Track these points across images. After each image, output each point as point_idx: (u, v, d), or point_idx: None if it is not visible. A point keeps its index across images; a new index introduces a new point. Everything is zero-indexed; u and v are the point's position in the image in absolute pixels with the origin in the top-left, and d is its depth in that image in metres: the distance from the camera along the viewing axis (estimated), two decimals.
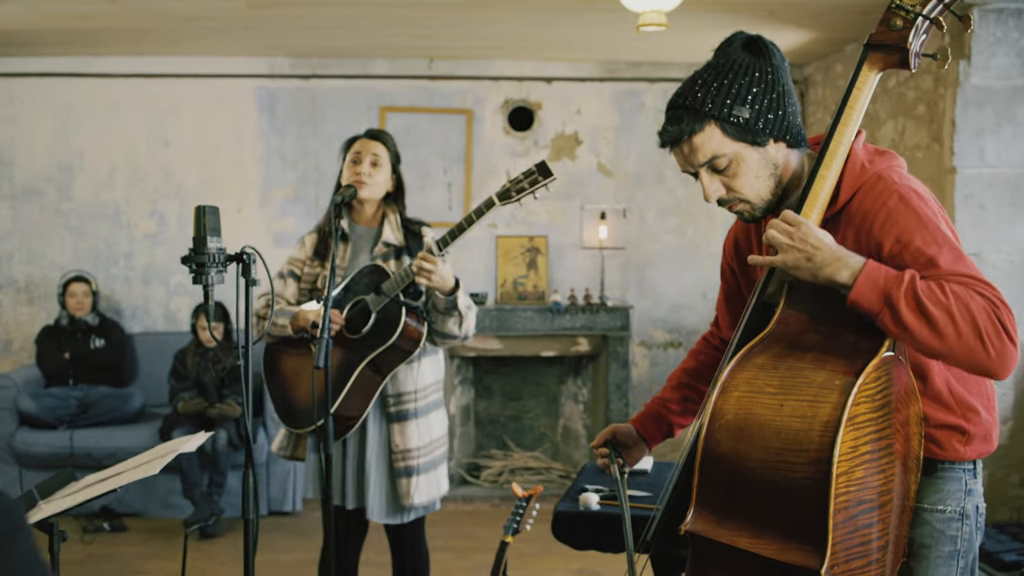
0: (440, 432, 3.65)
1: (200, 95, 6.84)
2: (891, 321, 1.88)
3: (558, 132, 6.96)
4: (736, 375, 1.97)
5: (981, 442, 2.13)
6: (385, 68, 6.89)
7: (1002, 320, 1.87)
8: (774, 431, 1.87)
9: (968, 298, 1.87)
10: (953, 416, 2.09)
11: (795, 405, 1.87)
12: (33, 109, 6.79)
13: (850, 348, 1.93)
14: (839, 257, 1.95)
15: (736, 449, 1.92)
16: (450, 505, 6.33)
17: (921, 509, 2.12)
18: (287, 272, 3.64)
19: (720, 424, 1.95)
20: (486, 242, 6.92)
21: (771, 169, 2.13)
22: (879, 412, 1.87)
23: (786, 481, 1.85)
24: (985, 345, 1.85)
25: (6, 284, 6.85)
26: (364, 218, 3.64)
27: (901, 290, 1.87)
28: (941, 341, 1.86)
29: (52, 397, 6.05)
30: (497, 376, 7.17)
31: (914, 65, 2.02)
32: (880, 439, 1.88)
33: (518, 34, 6.07)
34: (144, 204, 6.86)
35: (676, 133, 2.12)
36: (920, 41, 2.01)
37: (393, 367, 3.46)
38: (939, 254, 1.94)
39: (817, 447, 1.81)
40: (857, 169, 2.08)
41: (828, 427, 1.81)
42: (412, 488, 3.51)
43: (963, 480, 2.13)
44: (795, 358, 1.95)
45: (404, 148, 6.71)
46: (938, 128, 5.13)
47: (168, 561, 5.20)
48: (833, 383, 1.85)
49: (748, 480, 1.91)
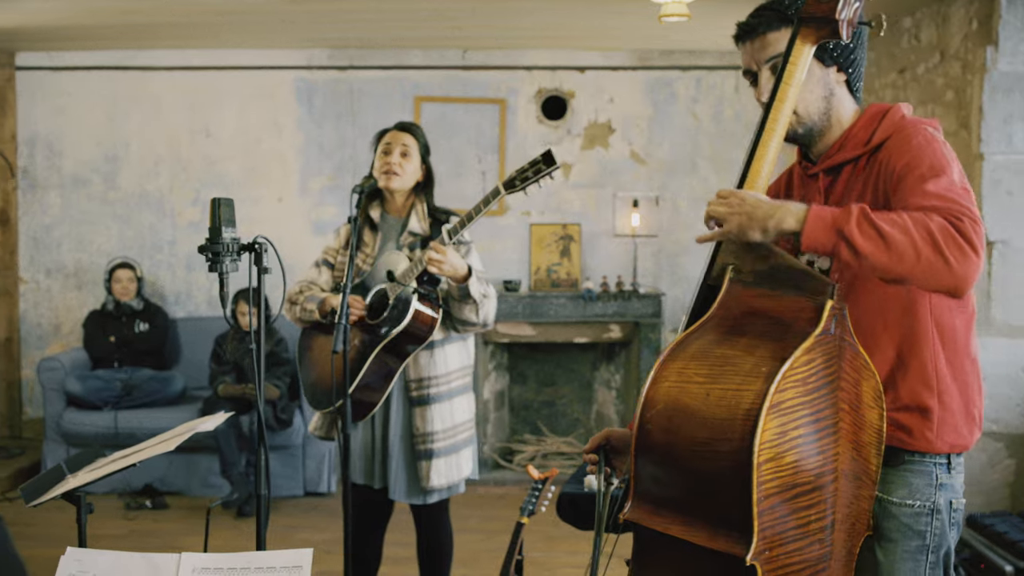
0: (464, 417, 3.75)
1: (241, 87, 7.02)
2: (848, 252, 1.89)
3: (591, 121, 7.03)
4: (667, 365, 1.99)
5: (952, 433, 2.12)
6: (420, 59, 7.01)
7: (963, 231, 1.86)
8: (700, 420, 1.89)
9: (925, 218, 1.87)
10: (927, 394, 2.10)
11: (721, 394, 1.88)
12: (81, 101, 7.01)
13: (783, 332, 1.93)
14: (780, 206, 1.98)
15: (666, 439, 1.94)
16: (481, 488, 6.46)
17: (889, 503, 2.13)
18: (322, 260, 3.80)
19: (651, 414, 1.96)
20: (520, 230, 7.02)
21: (825, 90, 2.19)
22: (815, 395, 1.88)
23: (712, 470, 1.87)
24: (946, 260, 1.84)
25: (56, 270, 7.08)
26: (395, 208, 3.77)
27: (852, 220, 1.88)
28: (900, 261, 1.86)
29: (98, 379, 6.26)
30: (531, 362, 7.28)
31: (846, 35, 2.02)
32: (817, 420, 1.89)
33: (548, 24, 6.15)
34: (187, 193, 7.06)
35: (753, 24, 2.20)
36: (853, 9, 2.01)
37: (409, 352, 3.57)
38: (935, 179, 1.97)
39: (739, 436, 1.82)
40: (897, 117, 2.15)
41: (749, 416, 1.81)
42: (431, 470, 3.62)
43: (933, 474, 2.13)
44: (728, 345, 1.96)
45: (438, 137, 6.91)
46: (966, 115, 5.13)
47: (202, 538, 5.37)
48: (759, 370, 1.86)
49: (678, 469, 1.94)
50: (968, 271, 1.86)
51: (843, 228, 1.89)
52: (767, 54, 2.20)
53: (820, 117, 2.21)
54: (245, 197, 7.03)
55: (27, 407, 7.14)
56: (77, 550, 2.10)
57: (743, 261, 2.07)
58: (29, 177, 7.04)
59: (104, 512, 5.82)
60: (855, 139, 2.20)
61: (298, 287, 3.73)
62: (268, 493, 2.58)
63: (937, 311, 2.12)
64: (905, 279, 1.90)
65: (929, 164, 2.01)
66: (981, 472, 5.01)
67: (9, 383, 7.11)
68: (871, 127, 2.18)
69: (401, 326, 3.50)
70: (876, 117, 2.20)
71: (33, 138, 7.03)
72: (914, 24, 5.72)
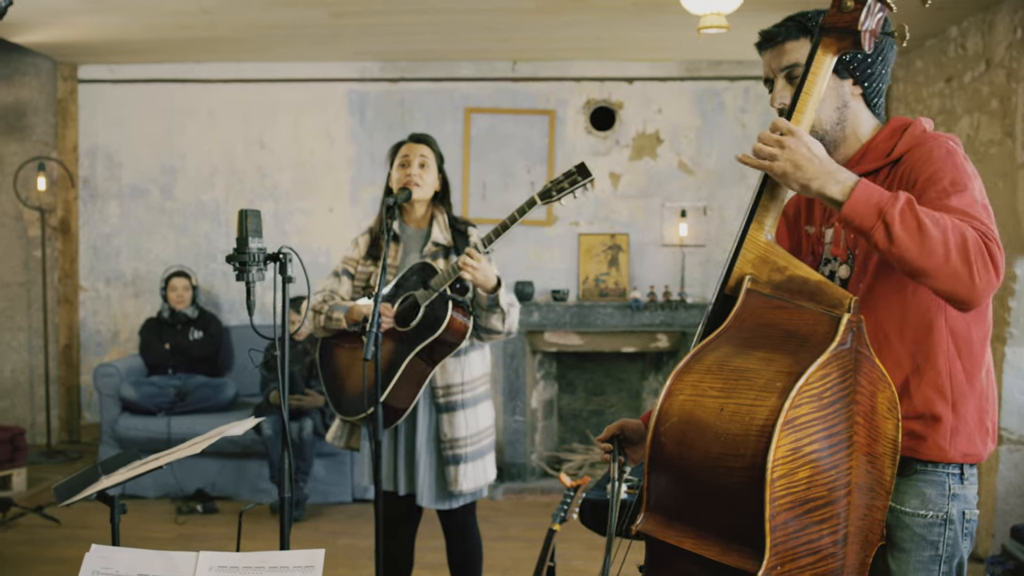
0: (487, 423, 3.80)
1: (294, 99, 7.15)
2: (883, 235, 1.89)
3: (639, 131, 7.05)
4: (682, 377, 1.97)
5: (965, 442, 2.11)
6: (470, 71, 7.09)
7: (991, 252, 1.88)
8: (714, 435, 1.87)
9: (963, 226, 1.88)
10: (942, 403, 2.09)
11: (735, 408, 1.86)
12: (140, 113, 7.20)
13: (799, 345, 1.91)
14: (830, 172, 1.96)
15: (680, 453, 1.92)
16: (529, 496, 6.50)
17: (902, 512, 2.12)
18: (342, 270, 3.85)
19: (665, 428, 1.95)
20: (568, 239, 7.06)
21: (839, 103, 2.19)
22: (829, 410, 1.86)
23: (726, 485, 1.85)
24: (972, 270, 1.86)
25: (114, 278, 7.27)
26: (414, 219, 3.82)
27: (897, 206, 1.88)
28: (930, 259, 1.87)
29: (152, 385, 6.41)
30: (580, 371, 7.30)
31: (868, 45, 2.00)
32: (831, 435, 1.87)
33: (595, 36, 6.19)
34: (241, 203, 7.20)
35: (773, 33, 2.22)
36: (876, 19, 1.99)
37: (440, 359, 3.63)
38: (958, 195, 1.97)
39: (753, 452, 1.80)
40: (918, 131, 2.16)
41: (763, 432, 1.79)
42: (460, 475, 3.67)
43: (946, 484, 2.12)
44: (743, 357, 1.94)
45: (488, 148, 6.99)
46: (1011, 123, 5.07)
47: (248, 541, 5.46)
48: (774, 385, 1.84)
49: (692, 483, 1.92)
50: (987, 288, 1.89)
51: (886, 211, 1.89)
52: (783, 62, 2.21)
53: (832, 128, 2.21)
54: (297, 207, 7.17)
55: (85, 412, 7.33)
56: (101, 547, 2.18)
57: (760, 271, 2.08)
58: (90, 187, 7.25)
59: (156, 515, 5.97)
60: (876, 151, 2.20)
61: (320, 297, 3.78)
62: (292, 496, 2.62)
63: (953, 321, 2.11)
64: (926, 275, 1.90)
65: (951, 179, 2.01)
66: None
67: (69, 388, 7.31)
68: (892, 140, 2.19)
69: (438, 332, 3.56)
70: (898, 130, 2.20)
71: (94, 149, 7.23)
72: (960, 33, 5.67)
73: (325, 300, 3.76)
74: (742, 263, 2.10)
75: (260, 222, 2.65)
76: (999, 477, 4.98)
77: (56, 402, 7.31)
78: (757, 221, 2.11)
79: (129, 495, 6.28)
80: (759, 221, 2.11)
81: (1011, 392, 4.98)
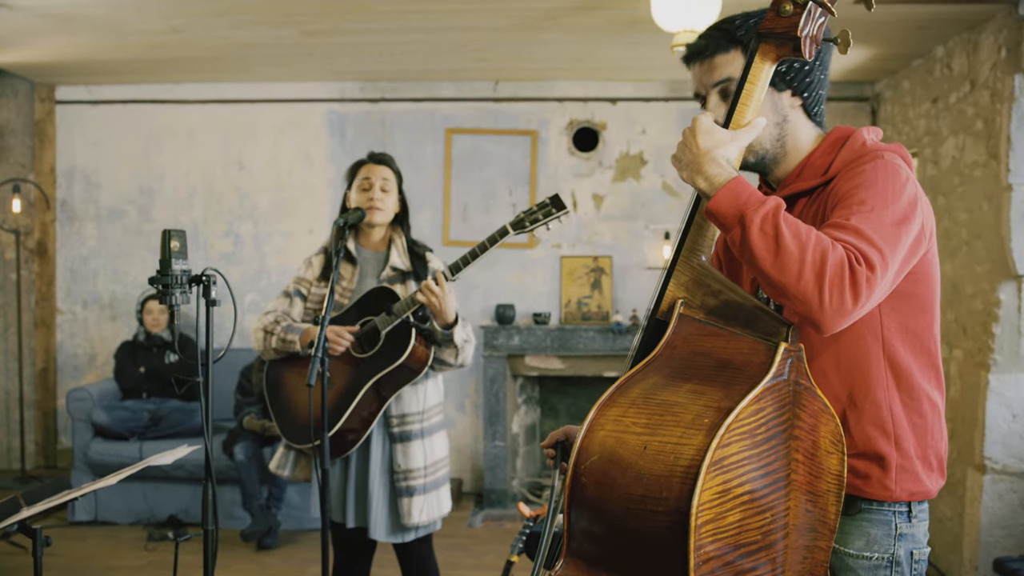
0: (442, 453, 3.70)
1: (273, 120, 7.08)
2: (738, 239, 1.78)
3: (623, 152, 6.96)
4: (604, 411, 1.82)
5: (911, 480, 1.98)
6: (451, 91, 7.01)
7: (855, 275, 1.73)
8: (635, 475, 1.71)
9: (827, 245, 1.74)
10: (883, 439, 1.96)
11: (659, 447, 1.70)
12: (118, 134, 7.13)
13: (732, 377, 1.76)
14: (702, 163, 1.86)
15: (600, 494, 1.77)
16: (508, 524, 6.37)
17: (846, 555, 2.00)
18: (294, 291, 3.71)
19: (585, 466, 1.79)
20: (550, 262, 6.96)
21: (778, 118, 2.05)
22: (764, 447, 1.72)
23: (648, 530, 1.70)
24: (822, 295, 1.71)
25: (92, 301, 7.18)
26: (372, 242, 3.71)
27: (760, 211, 1.76)
28: (780, 272, 1.73)
29: (125, 410, 6.31)
30: (563, 396, 7.18)
31: (809, 52, 1.86)
32: (766, 475, 1.73)
33: (573, 56, 6.11)
34: (220, 225, 7.12)
35: (701, 47, 2.07)
36: (816, 25, 1.86)
37: (398, 388, 3.52)
38: (863, 214, 1.82)
39: (677, 495, 1.65)
40: (857, 145, 2.01)
41: (688, 473, 1.64)
42: (414, 508, 3.56)
43: (892, 523, 1.99)
44: (671, 390, 1.79)
45: (469, 169, 6.89)
46: (995, 144, 4.96)
47: (220, 571, 5.36)
48: (702, 421, 1.69)
49: (613, 527, 1.77)
50: (836, 317, 1.74)
51: (745, 214, 1.77)
52: (714, 77, 2.06)
53: (772, 144, 2.06)
54: (276, 229, 7.09)
55: (62, 436, 7.23)
56: None
57: (693, 295, 1.94)
58: (67, 209, 7.17)
59: (127, 542, 5.85)
60: (812, 167, 2.06)
61: (272, 317, 3.64)
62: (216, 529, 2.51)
63: (891, 350, 1.98)
64: (779, 293, 1.76)
65: (864, 197, 1.86)
66: (1013, 514, 4.80)
67: (45, 413, 7.21)
68: (830, 155, 2.04)
69: (400, 360, 3.46)
70: (836, 144, 2.05)
71: (71, 171, 7.16)
72: (946, 53, 5.57)
73: (277, 321, 3.63)
74: (675, 286, 1.96)
75: (185, 242, 2.55)
76: (983, 508, 4.84)
77: (32, 426, 7.21)
78: (691, 241, 1.98)
79: (101, 521, 6.19)
80: (693, 241, 1.98)
81: (995, 420, 4.84)
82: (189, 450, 2.76)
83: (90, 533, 6.05)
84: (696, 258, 1.97)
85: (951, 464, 5.31)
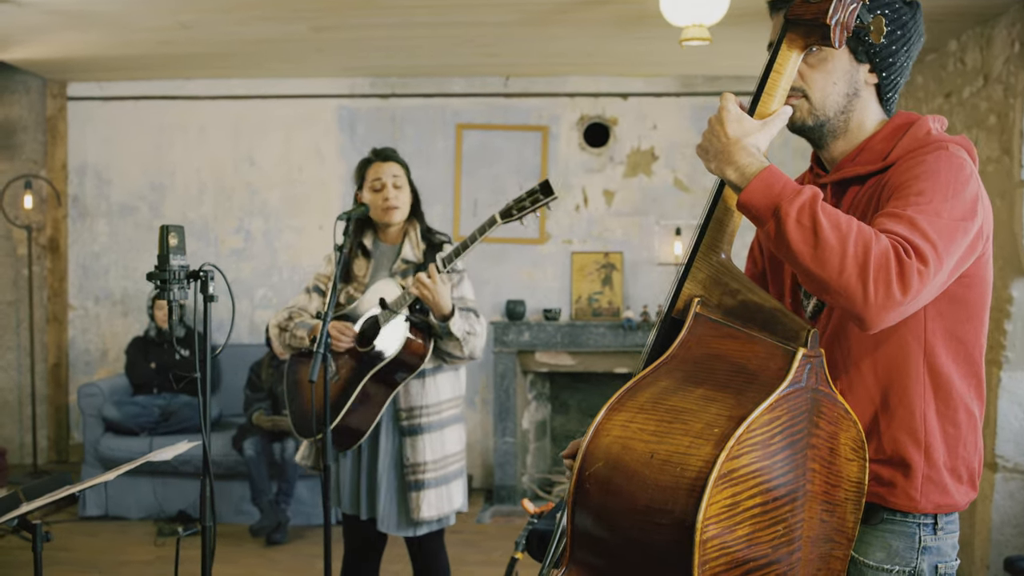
0: (456, 448, 3.67)
1: (284, 115, 7.08)
2: (774, 233, 1.70)
3: (634, 148, 6.93)
4: (612, 416, 1.75)
5: (938, 492, 1.89)
6: (462, 86, 6.99)
7: (902, 267, 1.64)
8: (641, 484, 1.64)
9: (871, 236, 1.65)
10: (913, 447, 1.88)
11: (666, 456, 1.63)
12: (129, 131, 7.14)
13: (746, 383, 1.68)
14: (731, 152, 1.78)
15: (604, 502, 1.70)
16: (517, 520, 6.35)
17: (865, 566, 1.90)
18: (313, 287, 3.74)
19: (591, 472, 1.72)
20: (561, 258, 6.94)
21: (850, 87, 1.95)
22: (777, 458, 1.65)
23: (652, 542, 1.63)
24: (866, 289, 1.62)
25: (103, 297, 7.20)
26: (389, 236, 3.72)
27: (796, 202, 1.68)
28: (821, 266, 1.65)
29: (136, 405, 6.32)
30: (573, 392, 7.16)
31: (839, 41, 1.78)
32: (778, 487, 1.65)
33: (583, 51, 6.08)
34: (231, 221, 7.13)
35: None
36: (849, 11, 1.76)
37: (401, 381, 3.51)
38: (918, 205, 1.73)
39: (682, 508, 1.57)
40: (922, 133, 1.91)
41: (695, 486, 1.57)
42: (422, 502, 3.55)
43: (916, 536, 1.89)
44: (682, 395, 1.72)
45: (479, 164, 6.87)
46: (1008, 140, 4.92)
47: (228, 565, 5.37)
48: (711, 431, 1.61)
49: (617, 537, 1.70)
50: (882, 312, 1.65)
51: (780, 206, 1.69)
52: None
53: (836, 115, 1.96)
54: (287, 225, 7.09)
55: (74, 432, 7.26)
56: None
57: (711, 293, 1.87)
58: (79, 205, 7.19)
59: (137, 537, 5.87)
60: (872, 151, 1.96)
61: (287, 313, 3.66)
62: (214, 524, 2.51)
63: (932, 355, 1.89)
64: (820, 288, 1.68)
65: (923, 188, 1.76)
66: (1023, 513, 4.76)
67: (57, 408, 7.24)
68: (892, 141, 1.93)
69: (392, 354, 3.45)
70: (899, 130, 1.95)
71: (83, 167, 7.17)
72: (960, 47, 5.52)
73: (291, 317, 3.65)
74: (691, 284, 1.88)
75: (183, 238, 2.55)
76: (994, 506, 4.80)
77: (44, 422, 7.23)
78: (710, 237, 1.89)
79: (112, 516, 6.21)
80: (712, 237, 1.89)
81: (1007, 418, 4.80)
82: (189, 446, 2.76)
83: (100, 528, 6.07)
84: (715, 255, 1.89)
85: None
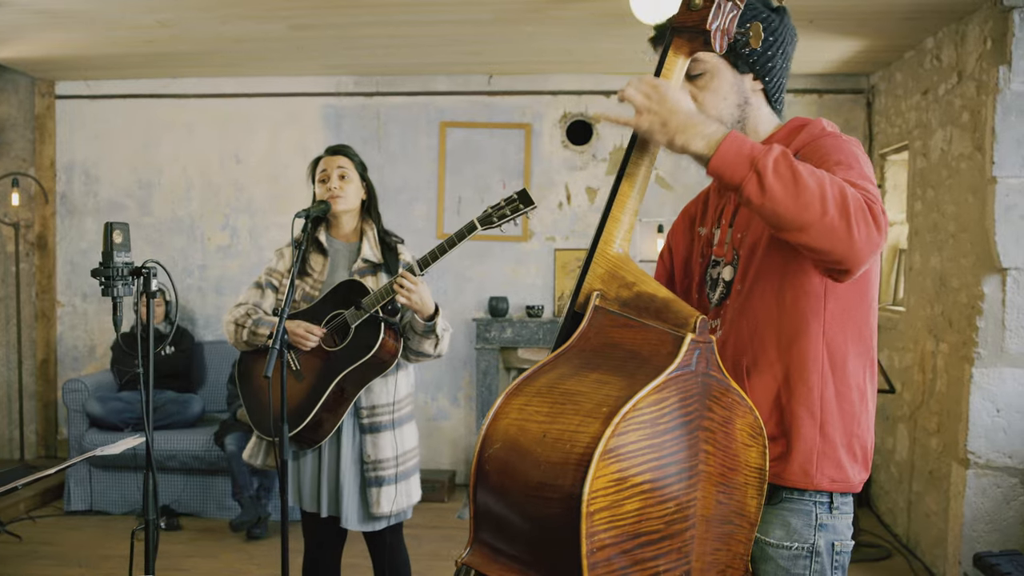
0: (412, 444, 3.71)
1: (270, 114, 7.12)
2: (755, 187, 1.75)
3: (616, 145, 6.95)
4: (510, 401, 1.83)
5: (833, 467, 1.99)
6: (446, 84, 7.03)
7: (873, 211, 1.74)
8: (534, 463, 1.72)
9: (842, 182, 1.74)
10: (809, 422, 1.97)
11: (557, 435, 1.71)
12: (117, 129, 7.20)
13: (637, 367, 1.76)
14: (696, 123, 1.82)
15: (502, 482, 1.79)
16: None
17: (766, 544, 2.01)
18: (266, 283, 3.72)
19: (489, 454, 1.82)
20: (544, 255, 6.97)
21: (739, 97, 2.07)
22: (665, 437, 1.72)
23: (545, 517, 1.70)
24: (850, 227, 1.71)
25: (91, 293, 7.25)
26: (343, 232, 3.73)
27: (771, 156, 1.74)
28: (804, 210, 1.72)
29: (120, 401, 6.37)
30: None
31: (720, 46, 1.88)
32: (668, 464, 1.73)
33: (564, 48, 6.11)
34: (217, 218, 7.17)
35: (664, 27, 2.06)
36: (728, 18, 1.87)
37: (368, 380, 3.53)
38: (845, 168, 1.85)
39: (570, 483, 1.65)
40: (816, 130, 2.04)
41: (582, 461, 1.64)
42: (382, 497, 3.58)
43: (812, 513, 2.00)
44: (576, 379, 1.80)
45: (463, 162, 6.90)
46: (980, 137, 4.93)
47: (208, 560, 5.42)
48: (600, 410, 1.68)
49: (514, 515, 1.78)
50: (868, 246, 1.73)
51: (758, 160, 1.75)
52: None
53: (733, 124, 2.07)
54: (272, 222, 7.13)
55: (62, 427, 7.31)
56: None
57: (608, 287, 1.96)
58: (67, 203, 7.24)
59: (119, 531, 5.92)
60: None
61: (243, 310, 3.65)
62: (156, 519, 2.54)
63: (830, 334, 1.99)
64: (801, 231, 1.74)
65: (839, 159, 1.89)
66: (996, 508, 4.78)
67: (46, 404, 7.29)
68: (789, 140, 2.06)
69: (370, 354, 3.47)
70: (796, 131, 2.08)
71: (71, 165, 7.23)
72: (936, 45, 5.54)
73: (248, 314, 3.64)
74: (591, 278, 1.98)
75: (128, 235, 2.58)
76: (966, 502, 4.82)
77: (33, 417, 7.30)
78: (607, 233, 1.99)
79: (96, 511, 6.26)
80: (609, 233, 1.99)
81: (979, 415, 4.82)
82: (137, 441, 2.80)
83: (84, 522, 6.13)
84: (611, 249, 1.98)
85: (936, 459, 5.29)
